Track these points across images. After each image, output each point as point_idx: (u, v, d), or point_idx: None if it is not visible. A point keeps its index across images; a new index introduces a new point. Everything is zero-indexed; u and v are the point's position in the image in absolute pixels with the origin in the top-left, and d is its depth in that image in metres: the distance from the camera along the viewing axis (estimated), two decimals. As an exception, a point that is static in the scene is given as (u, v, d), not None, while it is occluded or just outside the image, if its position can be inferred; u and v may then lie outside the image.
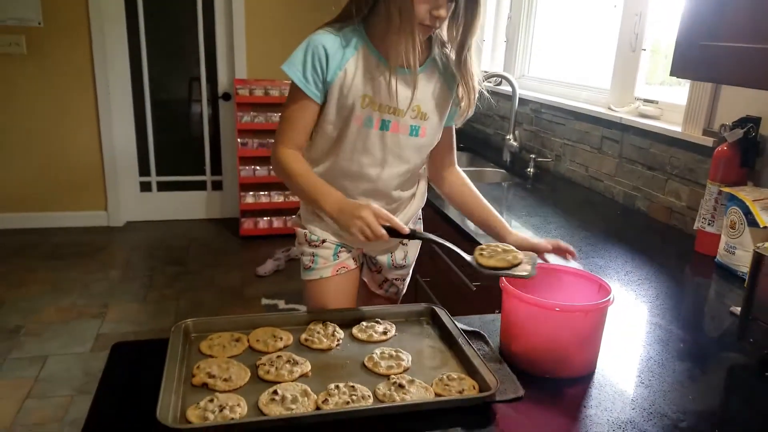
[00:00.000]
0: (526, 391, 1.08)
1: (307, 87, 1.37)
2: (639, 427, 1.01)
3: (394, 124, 1.43)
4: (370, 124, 1.41)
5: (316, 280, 1.59)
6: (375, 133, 1.42)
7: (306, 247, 1.60)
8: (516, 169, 2.96)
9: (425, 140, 1.49)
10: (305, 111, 1.40)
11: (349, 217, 1.29)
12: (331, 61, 1.35)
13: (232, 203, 4.96)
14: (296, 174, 1.40)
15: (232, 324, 1.27)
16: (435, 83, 1.45)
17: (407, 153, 1.48)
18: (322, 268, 1.58)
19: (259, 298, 3.64)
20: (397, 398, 1.03)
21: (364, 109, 1.39)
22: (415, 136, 1.46)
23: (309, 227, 1.58)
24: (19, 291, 3.56)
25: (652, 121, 2.24)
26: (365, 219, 1.25)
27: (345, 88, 1.38)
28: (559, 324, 1.13)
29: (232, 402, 0.99)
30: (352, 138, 1.43)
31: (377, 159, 1.46)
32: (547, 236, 1.94)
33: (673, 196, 2.10)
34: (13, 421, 2.42)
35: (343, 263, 1.59)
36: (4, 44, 4.21)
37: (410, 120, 1.44)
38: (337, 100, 1.39)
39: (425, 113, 1.45)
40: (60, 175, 4.58)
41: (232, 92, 4.68)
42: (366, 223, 1.25)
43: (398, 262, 1.70)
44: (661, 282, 1.64)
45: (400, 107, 1.41)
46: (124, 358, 1.17)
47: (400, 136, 1.45)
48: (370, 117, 1.40)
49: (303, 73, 1.36)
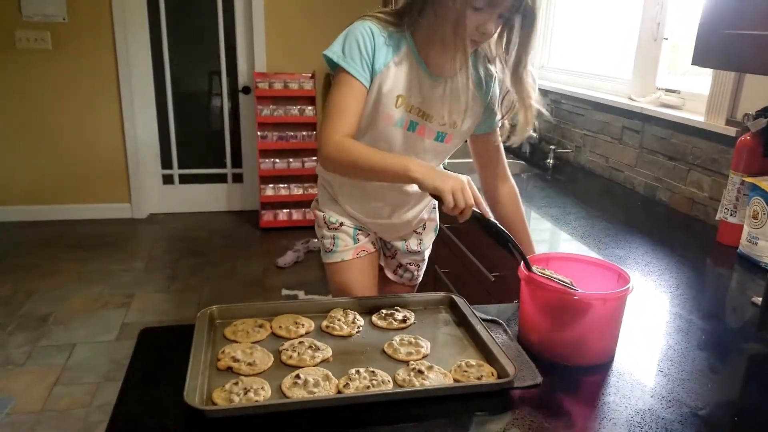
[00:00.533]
0: (545, 378, 1.09)
1: (356, 70, 1.33)
2: (657, 414, 1.02)
3: (421, 128, 1.44)
4: (399, 124, 1.42)
5: (337, 263, 1.61)
6: (402, 132, 1.43)
7: (326, 230, 1.62)
8: (536, 160, 2.95)
9: (448, 146, 1.50)
10: (356, 95, 1.34)
11: (443, 177, 1.20)
12: (378, 52, 1.35)
13: (252, 195, 5.00)
14: (359, 154, 1.30)
15: (255, 311, 1.29)
16: (468, 92, 1.41)
17: (427, 156, 1.48)
18: (342, 251, 1.60)
19: (279, 288, 3.68)
20: (416, 383, 1.04)
21: (397, 108, 1.39)
22: (440, 141, 1.47)
23: (326, 211, 1.61)
24: (48, 281, 3.64)
25: (674, 111, 2.22)
26: (462, 183, 1.19)
27: (385, 84, 1.37)
28: (578, 312, 1.14)
29: (256, 385, 1.02)
30: (377, 134, 1.43)
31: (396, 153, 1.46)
32: (566, 227, 1.95)
33: (694, 187, 2.09)
34: (43, 407, 2.48)
35: (362, 246, 1.62)
36: (30, 40, 4.29)
37: (438, 126, 1.44)
38: (375, 95, 1.38)
39: (455, 121, 1.45)
40: (85, 169, 4.66)
41: (251, 85, 4.72)
42: (462, 187, 1.18)
43: (412, 248, 1.72)
44: (682, 273, 1.64)
45: (432, 113, 1.42)
46: (151, 343, 1.20)
47: (426, 140, 1.46)
48: (402, 118, 1.41)
49: (353, 57, 1.32)
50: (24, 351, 2.87)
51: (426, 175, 1.22)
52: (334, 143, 1.30)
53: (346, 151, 1.30)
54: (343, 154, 1.30)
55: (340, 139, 1.30)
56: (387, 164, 1.27)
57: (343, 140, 1.31)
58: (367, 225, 1.63)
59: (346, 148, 1.30)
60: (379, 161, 1.28)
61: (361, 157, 1.29)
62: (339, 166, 1.35)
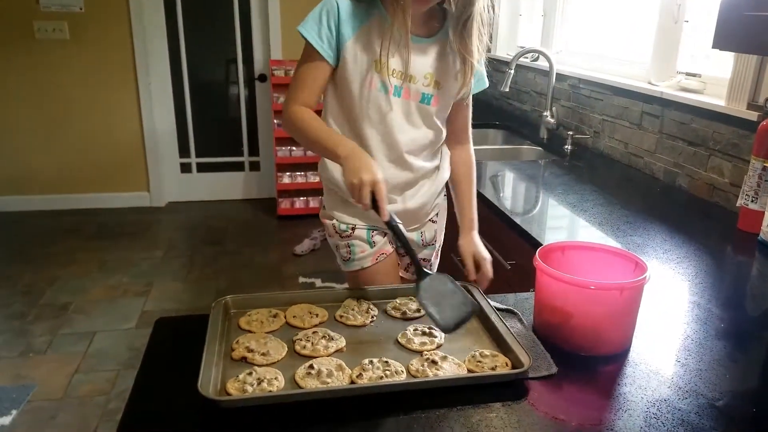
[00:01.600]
0: (560, 368, 1.08)
1: (320, 46, 1.37)
2: (674, 405, 1.01)
3: (405, 90, 1.43)
4: (383, 89, 1.41)
5: (357, 271, 1.58)
6: (387, 98, 1.42)
7: (338, 239, 1.58)
8: (553, 146, 2.92)
9: (436, 109, 1.48)
10: (317, 71, 1.40)
11: (354, 168, 1.25)
12: (345, 23, 1.36)
13: (269, 184, 5.02)
14: (308, 125, 1.38)
15: (269, 300, 1.30)
16: (449, 54, 1.44)
17: (417, 120, 1.48)
18: (361, 258, 1.56)
19: (296, 276, 3.69)
20: (430, 374, 1.04)
21: (377, 73, 1.39)
22: (426, 104, 1.46)
23: (336, 215, 1.56)
24: (68, 270, 3.69)
25: (695, 95, 2.18)
26: (363, 182, 1.22)
27: (359, 51, 1.38)
28: (594, 301, 1.12)
29: (270, 375, 1.02)
30: (368, 103, 1.42)
31: (388, 124, 1.45)
32: (584, 214, 1.92)
33: (715, 173, 2.05)
34: (64, 394, 2.52)
35: (381, 250, 1.58)
36: (48, 30, 4.32)
37: (422, 87, 1.44)
38: (351, 63, 1.39)
39: (438, 82, 1.45)
40: (104, 158, 4.71)
41: (267, 73, 4.72)
42: (360, 186, 1.22)
43: (428, 240, 1.69)
44: (702, 260, 1.61)
45: (412, 73, 1.41)
46: (167, 333, 1.21)
47: (411, 102, 1.45)
48: (384, 82, 1.40)
49: (318, 32, 1.37)
50: (45, 339, 2.92)
51: (347, 159, 1.28)
52: (287, 113, 1.41)
53: (293, 121, 1.40)
54: (289, 123, 1.42)
55: (296, 109, 1.40)
56: (322, 139, 1.36)
57: (299, 110, 1.40)
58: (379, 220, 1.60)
59: (293, 119, 1.40)
60: (317, 134, 1.38)
61: (304, 126, 1.38)
62: (291, 131, 1.44)
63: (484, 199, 2.08)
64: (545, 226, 1.91)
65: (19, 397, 2.47)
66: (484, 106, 3.89)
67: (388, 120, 1.44)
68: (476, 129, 3.40)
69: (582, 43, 3.17)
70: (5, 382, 2.59)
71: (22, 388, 2.53)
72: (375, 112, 1.43)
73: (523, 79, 3.51)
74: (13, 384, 2.57)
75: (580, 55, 3.10)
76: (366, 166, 1.24)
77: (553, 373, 1.07)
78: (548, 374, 1.07)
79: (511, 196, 2.29)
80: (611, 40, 2.94)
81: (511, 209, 2.01)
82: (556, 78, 3.00)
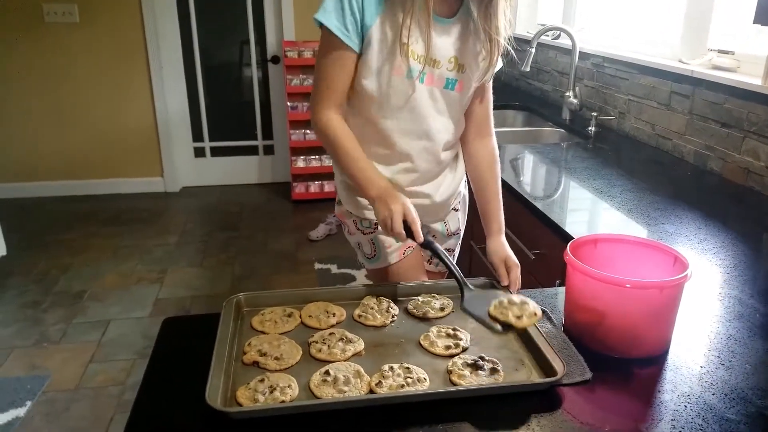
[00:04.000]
0: (594, 372, 1.01)
1: (347, 36, 1.26)
2: (719, 414, 0.93)
3: (429, 76, 1.32)
4: (411, 75, 1.30)
5: (383, 268, 1.51)
6: (414, 84, 1.32)
7: (360, 236, 1.52)
8: (576, 128, 2.81)
9: (459, 95, 1.38)
10: (345, 64, 1.29)
11: (383, 205, 1.23)
12: (369, 5, 1.25)
13: (283, 167, 4.95)
14: (345, 152, 1.32)
15: (284, 298, 1.23)
16: (471, 34, 1.33)
17: (442, 107, 1.38)
18: (387, 253, 1.49)
19: (312, 262, 3.63)
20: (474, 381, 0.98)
21: (404, 58, 1.28)
22: (450, 89, 1.36)
23: (356, 211, 1.50)
24: (83, 257, 3.66)
25: (728, 73, 2.07)
26: (393, 212, 1.20)
27: (384, 35, 1.27)
28: (631, 301, 1.04)
29: (283, 383, 0.96)
30: (391, 91, 1.32)
31: (416, 112, 1.35)
32: (612, 201, 1.83)
33: (750, 156, 1.94)
34: (78, 384, 2.49)
35: (408, 243, 1.49)
36: (57, 13, 4.25)
37: (447, 72, 1.34)
38: (376, 49, 1.28)
39: (462, 65, 1.34)
40: (117, 143, 4.65)
41: (281, 55, 4.62)
42: (391, 216, 1.20)
43: (452, 230, 1.63)
44: (739, 250, 1.52)
45: (436, 57, 1.31)
46: (174, 333, 1.15)
47: (435, 89, 1.35)
48: (412, 68, 1.30)
49: (342, 20, 1.25)
50: (59, 328, 2.89)
51: (378, 199, 1.25)
52: (319, 124, 1.33)
53: (329, 139, 1.33)
54: (324, 137, 1.34)
55: (330, 118, 1.32)
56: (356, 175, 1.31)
57: (330, 123, 1.32)
58: None
59: (329, 137, 1.32)
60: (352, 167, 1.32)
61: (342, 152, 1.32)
62: (324, 144, 1.36)
63: (504, 185, 1.98)
64: (569, 213, 1.82)
65: (34, 387, 2.45)
66: (504, 86, 3.78)
67: (417, 109, 1.35)
68: (495, 110, 3.28)
69: (606, 19, 3.04)
70: (20, 372, 2.56)
71: (36, 379, 2.50)
72: (402, 101, 1.33)
73: (544, 57, 3.39)
74: (27, 374, 2.54)
75: (604, 33, 2.98)
76: (393, 198, 1.23)
77: (587, 379, 0.99)
78: (582, 380, 0.99)
79: (532, 181, 2.20)
80: (637, 16, 2.82)
81: (533, 195, 1.92)
82: (579, 56, 2.89)
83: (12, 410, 2.32)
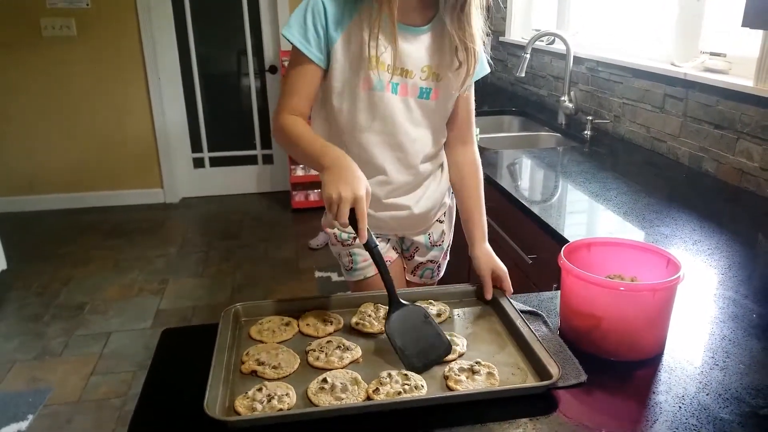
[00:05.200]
0: (589, 375, 1.02)
1: (308, 49, 1.27)
2: (714, 414, 0.94)
3: (403, 87, 1.33)
4: (380, 87, 1.31)
5: (361, 281, 1.53)
6: (385, 96, 1.32)
7: (339, 248, 1.54)
8: (572, 132, 2.83)
9: (435, 103, 1.38)
10: (308, 76, 1.31)
11: (332, 181, 1.11)
12: (333, 21, 1.26)
13: (282, 176, 4.97)
14: (296, 133, 1.27)
15: (281, 307, 1.24)
16: (447, 43, 1.33)
17: (418, 117, 1.38)
18: (363, 267, 1.52)
19: (312, 270, 3.65)
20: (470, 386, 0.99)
21: (371, 71, 1.29)
22: (425, 98, 1.36)
23: None
24: (84, 269, 3.67)
25: (720, 75, 2.08)
26: (342, 198, 1.08)
27: (350, 49, 1.28)
28: (625, 304, 1.05)
29: (280, 391, 0.97)
30: (362, 105, 1.33)
31: (389, 124, 1.35)
32: (607, 204, 1.85)
33: (744, 157, 1.96)
34: (80, 397, 2.50)
35: (384, 256, 1.49)
36: (55, 27, 4.29)
37: (420, 81, 1.34)
38: (342, 63, 1.29)
39: (437, 74, 1.35)
40: (116, 155, 4.67)
41: (278, 64, 4.65)
42: (339, 200, 1.08)
43: (435, 240, 1.61)
44: (734, 251, 1.53)
45: (407, 67, 1.31)
46: (173, 344, 1.16)
47: (410, 99, 1.35)
48: (381, 80, 1.30)
49: (304, 35, 1.26)
50: (61, 341, 2.90)
51: (328, 170, 1.14)
52: (277, 124, 1.31)
53: (284, 133, 1.29)
54: (280, 135, 1.31)
55: (286, 118, 1.30)
56: (310, 152, 1.23)
57: (288, 119, 1.30)
58: (385, 223, 1.50)
59: (284, 131, 1.29)
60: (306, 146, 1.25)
61: (294, 138, 1.27)
62: (282, 143, 1.34)
63: (501, 190, 2.01)
64: (566, 217, 1.83)
65: (36, 401, 2.45)
66: (500, 92, 3.80)
67: (388, 121, 1.35)
68: (491, 116, 3.34)
69: (599, 24, 3.06)
70: (21, 386, 2.57)
71: (38, 392, 2.51)
72: (374, 114, 1.34)
73: (539, 63, 3.41)
74: (29, 388, 2.55)
75: (598, 37, 3.00)
76: (347, 179, 1.10)
77: (582, 382, 1.00)
78: (577, 383, 1.00)
79: (529, 185, 2.21)
80: (630, 20, 2.84)
81: (530, 199, 1.94)
82: (574, 61, 2.91)
83: (14, 424, 2.33)
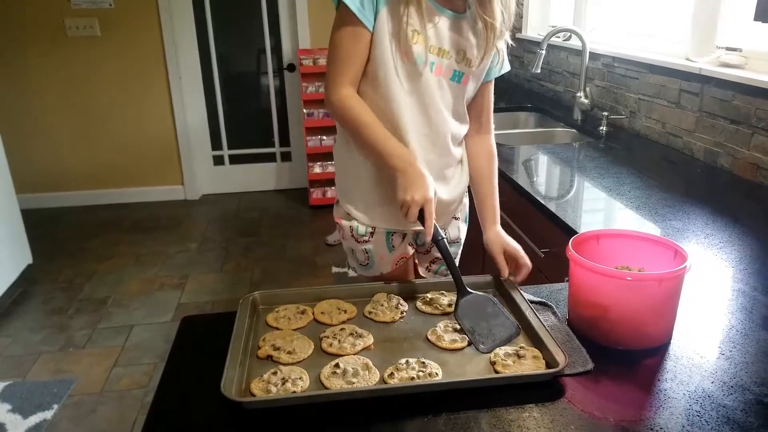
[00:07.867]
0: (596, 363, 1.04)
1: (364, 15, 1.26)
2: (718, 401, 0.95)
3: (438, 66, 1.35)
4: (420, 62, 1.32)
5: (376, 277, 1.53)
6: (423, 72, 1.33)
7: (353, 243, 1.50)
8: (588, 128, 2.83)
9: (464, 89, 1.40)
10: (362, 43, 1.29)
11: (407, 186, 1.23)
12: None
13: (300, 174, 5.02)
14: (362, 121, 1.30)
15: (297, 296, 1.28)
16: (479, 28, 1.35)
17: (449, 98, 1.39)
18: (380, 263, 1.51)
19: (329, 266, 3.69)
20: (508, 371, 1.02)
21: (415, 45, 1.30)
22: (457, 81, 1.38)
23: (354, 214, 1.47)
24: (107, 264, 3.76)
25: (736, 70, 2.08)
26: (415, 201, 1.22)
27: (396, 19, 1.29)
28: (631, 293, 1.07)
29: (294, 375, 1.00)
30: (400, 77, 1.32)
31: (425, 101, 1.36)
32: (621, 198, 1.86)
33: (759, 152, 1.95)
34: (103, 388, 2.57)
35: (401, 254, 1.52)
36: (79, 27, 4.38)
37: (455, 64, 1.36)
38: (386, 32, 1.30)
39: (470, 59, 1.37)
40: (138, 152, 4.76)
41: (296, 63, 4.69)
42: (409, 206, 1.22)
43: (452, 238, 1.61)
44: (746, 245, 1.54)
45: (445, 47, 1.34)
46: (193, 331, 1.20)
47: (443, 80, 1.36)
48: (421, 56, 1.31)
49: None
50: (84, 334, 2.97)
51: (403, 174, 1.25)
52: (335, 101, 1.32)
53: (347, 115, 1.32)
54: (341, 115, 1.33)
55: (346, 94, 1.31)
56: (376, 145, 1.29)
57: (348, 100, 1.31)
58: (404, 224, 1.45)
59: (348, 113, 1.31)
60: (372, 138, 1.30)
61: (360, 126, 1.31)
62: (341, 121, 1.37)
63: (516, 186, 2.03)
64: (581, 211, 1.84)
65: (60, 391, 2.52)
66: (516, 88, 3.80)
67: (426, 97, 1.35)
68: (507, 112, 3.36)
69: (616, 20, 3.06)
70: (47, 376, 2.65)
71: (62, 383, 2.58)
72: (411, 88, 1.34)
73: (555, 59, 3.42)
74: (54, 378, 2.62)
75: (614, 33, 2.99)
76: (419, 186, 1.23)
77: (589, 370, 1.03)
78: (584, 371, 1.02)
79: (545, 181, 2.22)
80: (646, 16, 2.83)
81: (545, 195, 1.95)
82: (590, 57, 2.91)
83: (39, 413, 2.40)
